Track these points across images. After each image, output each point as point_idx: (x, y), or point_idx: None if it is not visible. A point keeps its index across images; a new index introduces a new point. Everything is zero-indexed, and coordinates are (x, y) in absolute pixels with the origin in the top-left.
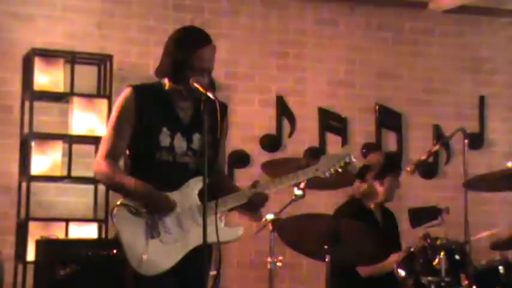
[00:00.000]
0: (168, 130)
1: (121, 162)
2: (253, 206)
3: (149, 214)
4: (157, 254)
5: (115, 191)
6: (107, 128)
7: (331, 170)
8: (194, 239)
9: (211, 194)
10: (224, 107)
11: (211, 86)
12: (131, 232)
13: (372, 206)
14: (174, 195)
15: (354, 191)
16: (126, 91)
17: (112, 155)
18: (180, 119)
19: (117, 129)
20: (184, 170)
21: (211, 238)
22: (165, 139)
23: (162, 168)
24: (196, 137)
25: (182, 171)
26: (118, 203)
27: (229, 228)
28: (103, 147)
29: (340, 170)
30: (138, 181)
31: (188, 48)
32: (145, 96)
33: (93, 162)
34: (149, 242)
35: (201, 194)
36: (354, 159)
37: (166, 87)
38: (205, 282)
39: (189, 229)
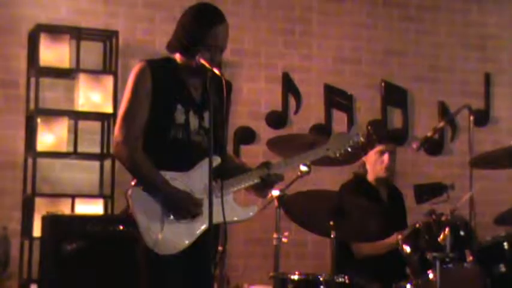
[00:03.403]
0: (183, 107)
1: None
2: (266, 185)
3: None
4: (173, 233)
5: (136, 178)
6: (123, 103)
7: (341, 149)
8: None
9: (223, 173)
10: (229, 85)
11: (219, 65)
12: (147, 212)
13: (374, 182)
14: (188, 175)
15: (359, 167)
16: (141, 66)
17: (134, 136)
18: (192, 97)
19: (136, 107)
20: (198, 148)
21: (222, 217)
22: (180, 116)
23: (176, 147)
24: (207, 115)
25: (195, 150)
26: (133, 183)
27: (243, 207)
28: (125, 127)
29: (349, 149)
30: (164, 180)
31: (205, 24)
32: (159, 72)
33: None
34: (165, 221)
35: (215, 174)
36: (362, 139)
37: (178, 63)
38: (211, 260)
39: (204, 208)
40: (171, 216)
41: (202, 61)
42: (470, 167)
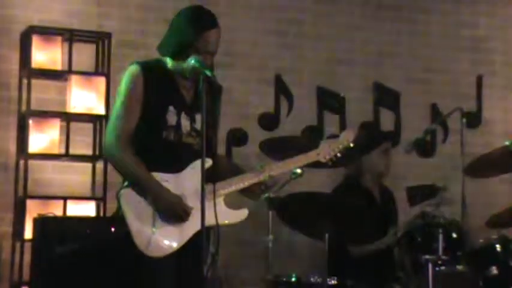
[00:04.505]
0: (175, 109)
1: None
2: (259, 188)
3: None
4: (164, 236)
5: (127, 180)
6: (116, 105)
7: (331, 154)
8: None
9: (214, 176)
10: (220, 88)
11: (211, 67)
12: (138, 214)
13: (368, 183)
14: (179, 176)
15: (351, 169)
16: (133, 69)
17: (126, 137)
18: (184, 98)
19: (129, 109)
20: (189, 150)
21: (215, 220)
22: (172, 118)
23: (168, 149)
24: (198, 117)
25: (187, 152)
26: (124, 185)
27: (234, 210)
28: (116, 129)
29: (339, 154)
30: (156, 183)
31: (197, 29)
32: (151, 74)
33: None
34: (156, 224)
35: (207, 176)
36: (352, 145)
37: (169, 65)
38: (204, 262)
39: (195, 210)
40: (163, 219)
41: (195, 64)
42: (463, 173)
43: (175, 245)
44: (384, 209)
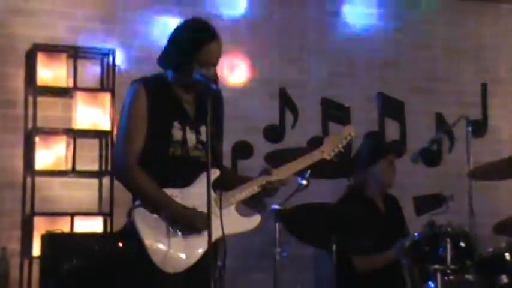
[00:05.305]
0: (179, 124)
1: None
2: (269, 192)
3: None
4: (180, 249)
5: (141, 200)
6: (121, 126)
7: (336, 150)
8: (214, 231)
9: (223, 185)
10: (221, 98)
11: (215, 78)
12: (153, 231)
13: (372, 194)
14: (188, 190)
15: (355, 180)
16: (136, 87)
17: (135, 157)
18: (187, 113)
19: (135, 128)
20: (197, 163)
21: (229, 229)
22: (177, 133)
23: (175, 164)
24: (203, 129)
25: (195, 165)
26: (136, 203)
27: (247, 217)
28: (125, 150)
29: (343, 150)
30: (169, 199)
31: (197, 42)
32: (154, 91)
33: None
34: (171, 238)
35: (216, 186)
36: (354, 138)
37: (170, 79)
38: (211, 275)
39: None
40: (178, 234)
41: (199, 78)
42: (468, 178)
43: (192, 259)
44: (390, 219)
